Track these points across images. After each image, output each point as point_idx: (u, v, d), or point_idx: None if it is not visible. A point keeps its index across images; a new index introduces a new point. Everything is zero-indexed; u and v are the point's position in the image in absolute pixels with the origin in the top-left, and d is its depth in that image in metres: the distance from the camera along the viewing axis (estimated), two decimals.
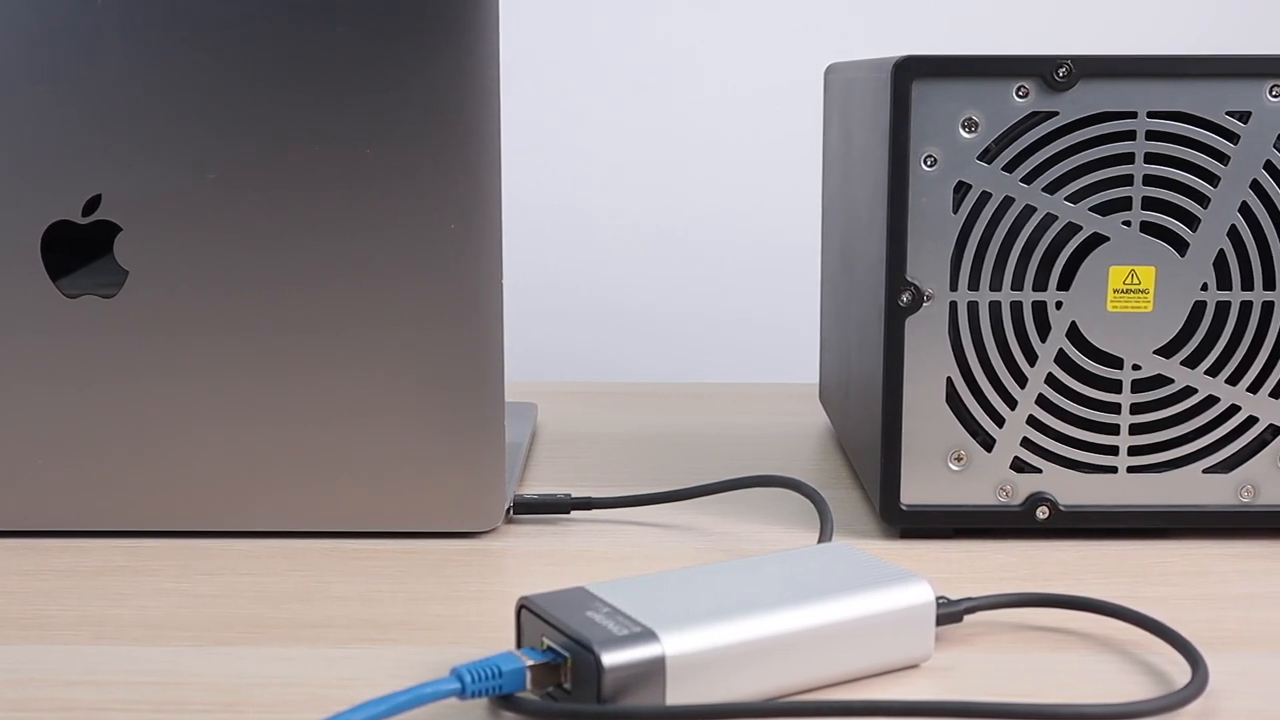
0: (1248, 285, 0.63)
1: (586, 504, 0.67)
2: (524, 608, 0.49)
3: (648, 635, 0.46)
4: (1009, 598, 0.55)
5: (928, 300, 0.63)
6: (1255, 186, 0.62)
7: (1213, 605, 0.57)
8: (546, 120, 1.16)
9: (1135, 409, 0.64)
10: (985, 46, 1.13)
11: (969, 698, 0.49)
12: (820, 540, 0.61)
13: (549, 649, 0.48)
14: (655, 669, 0.46)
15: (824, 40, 1.15)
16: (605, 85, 1.16)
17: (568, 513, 0.68)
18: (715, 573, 0.52)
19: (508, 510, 0.66)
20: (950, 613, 0.53)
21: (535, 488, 0.73)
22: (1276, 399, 0.64)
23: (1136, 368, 0.64)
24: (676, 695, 0.46)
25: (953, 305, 0.63)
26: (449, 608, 0.57)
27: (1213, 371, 0.64)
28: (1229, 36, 1.15)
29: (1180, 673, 0.50)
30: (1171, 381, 0.64)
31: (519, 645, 0.50)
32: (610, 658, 0.45)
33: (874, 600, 0.50)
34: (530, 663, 0.47)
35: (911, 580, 0.51)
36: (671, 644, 0.46)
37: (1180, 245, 0.63)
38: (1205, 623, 0.56)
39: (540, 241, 1.17)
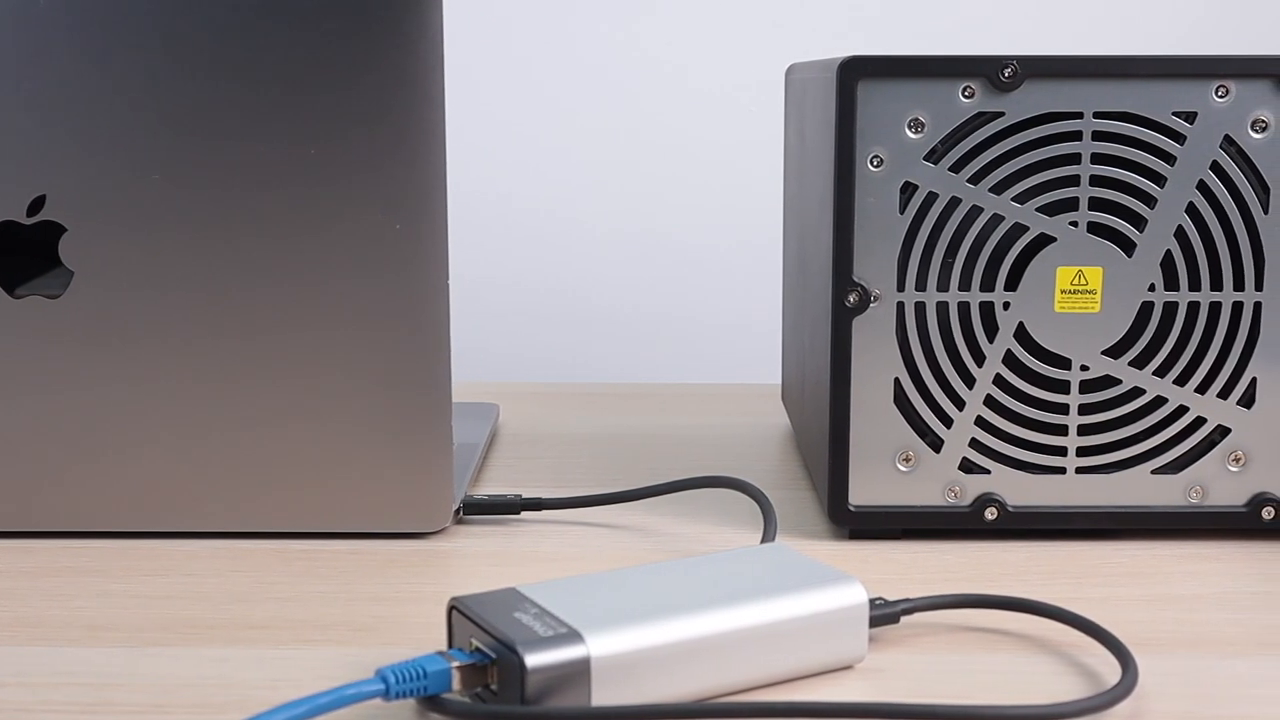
0: (1195, 286, 0.63)
1: (537, 505, 0.67)
2: (454, 609, 0.49)
3: (573, 636, 0.46)
4: (946, 599, 0.55)
5: (875, 301, 0.63)
6: (1202, 187, 0.62)
7: (1154, 606, 0.57)
8: (515, 120, 1.16)
9: (1083, 410, 0.64)
10: (960, 46, 1.13)
11: (899, 699, 0.49)
12: (763, 541, 0.61)
13: (476, 650, 0.47)
14: (580, 670, 0.46)
15: (797, 39, 1.14)
16: (575, 85, 1.16)
17: (518, 514, 0.68)
18: (649, 574, 0.52)
19: (457, 511, 0.66)
20: (886, 614, 0.53)
21: (491, 488, 0.73)
22: (1225, 400, 0.64)
23: (1084, 368, 0.64)
24: (603, 696, 0.46)
25: (900, 306, 0.63)
26: (390, 609, 0.57)
27: (1160, 372, 0.64)
28: (1177, 37, 1.15)
29: (1115, 674, 0.50)
30: (1119, 382, 0.64)
31: (450, 646, 0.50)
32: (534, 659, 0.45)
33: (806, 601, 0.50)
34: (456, 664, 0.47)
35: (845, 581, 0.51)
36: (597, 645, 0.46)
37: (1127, 246, 0.63)
38: (1144, 623, 0.55)
39: (512, 242, 1.17)
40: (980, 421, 0.64)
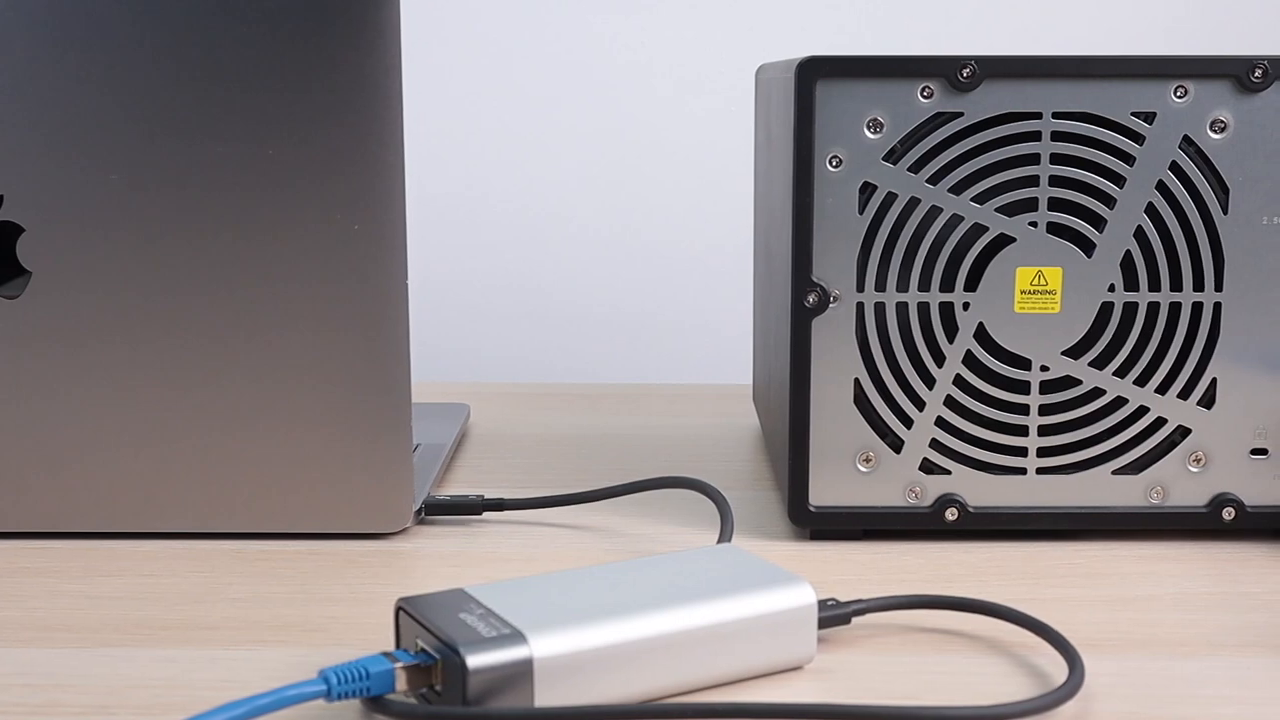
0: (1154, 286, 0.63)
1: (498, 505, 0.67)
2: (401, 609, 0.49)
3: (516, 637, 0.46)
4: (898, 600, 0.54)
5: (834, 301, 0.63)
6: (1161, 187, 0.62)
7: (1110, 607, 0.57)
8: (488, 119, 1.16)
9: (1044, 410, 0.64)
10: (939, 47, 1.13)
11: (845, 700, 0.49)
12: (719, 541, 0.61)
13: (421, 651, 0.47)
14: (522, 671, 0.46)
15: (775, 39, 1.14)
16: (549, 84, 1.16)
17: (480, 514, 0.67)
18: (597, 574, 0.52)
19: (419, 511, 0.66)
20: (837, 615, 0.53)
21: (458, 489, 0.73)
22: (1185, 400, 0.64)
23: (1044, 369, 0.64)
24: (546, 697, 0.46)
25: (860, 306, 0.63)
26: (347, 609, 0.57)
27: (1121, 373, 0.64)
28: (1142, 37, 1.15)
29: (1065, 675, 0.50)
30: (1080, 383, 0.64)
31: (397, 647, 0.50)
32: (475, 660, 0.45)
33: (753, 602, 0.50)
34: (400, 664, 0.46)
35: (794, 582, 0.51)
36: (540, 646, 0.46)
37: (1087, 246, 0.63)
38: (1098, 624, 0.55)
39: (484, 243, 1.17)
40: (940, 422, 0.64)
